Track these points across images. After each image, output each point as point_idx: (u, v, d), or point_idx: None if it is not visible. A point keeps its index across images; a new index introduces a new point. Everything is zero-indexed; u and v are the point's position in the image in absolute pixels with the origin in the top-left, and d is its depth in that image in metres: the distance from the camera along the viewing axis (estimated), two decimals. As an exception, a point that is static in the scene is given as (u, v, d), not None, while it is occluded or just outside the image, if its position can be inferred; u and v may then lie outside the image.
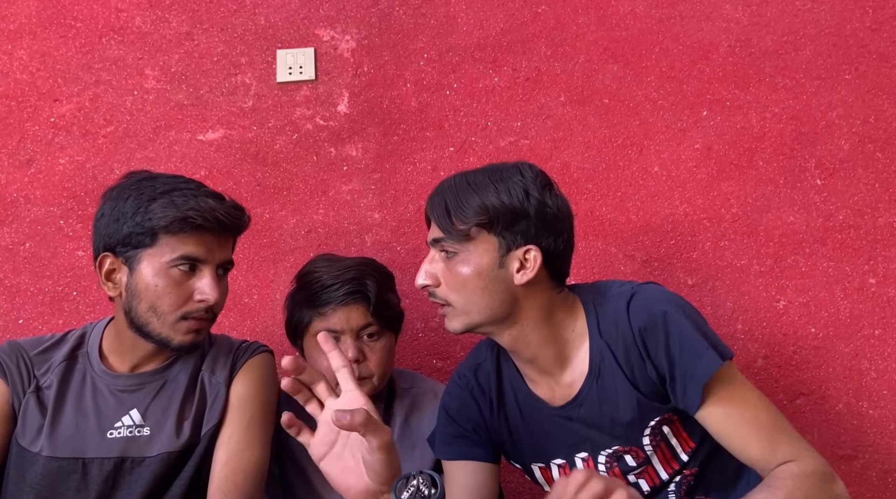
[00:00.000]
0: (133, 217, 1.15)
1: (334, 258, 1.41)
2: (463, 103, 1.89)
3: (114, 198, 1.20)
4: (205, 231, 1.17)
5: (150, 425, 1.21)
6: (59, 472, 1.17)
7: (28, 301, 1.84)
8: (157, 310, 1.16)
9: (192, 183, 1.21)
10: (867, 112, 1.81)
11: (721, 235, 1.80)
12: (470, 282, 1.11)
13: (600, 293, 1.19)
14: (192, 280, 1.18)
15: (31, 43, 1.94)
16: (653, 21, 1.88)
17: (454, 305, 1.12)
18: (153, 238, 1.15)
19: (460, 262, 1.11)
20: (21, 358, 1.23)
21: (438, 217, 1.13)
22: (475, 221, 1.10)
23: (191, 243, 1.16)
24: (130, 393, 1.22)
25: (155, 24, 1.95)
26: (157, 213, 1.14)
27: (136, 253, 1.16)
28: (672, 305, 1.12)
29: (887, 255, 1.76)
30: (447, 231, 1.11)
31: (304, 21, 1.93)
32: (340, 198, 1.87)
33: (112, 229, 1.18)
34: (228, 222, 1.19)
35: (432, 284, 1.13)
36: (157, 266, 1.16)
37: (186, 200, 1.16)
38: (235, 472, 1.19)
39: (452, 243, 1.11)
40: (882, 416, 1.72)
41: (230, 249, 1.25)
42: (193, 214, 1.14)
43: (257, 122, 1.90)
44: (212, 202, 1.18)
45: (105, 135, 1.91)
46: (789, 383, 1.75)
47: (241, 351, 1.31)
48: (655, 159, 1.84)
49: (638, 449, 1.14)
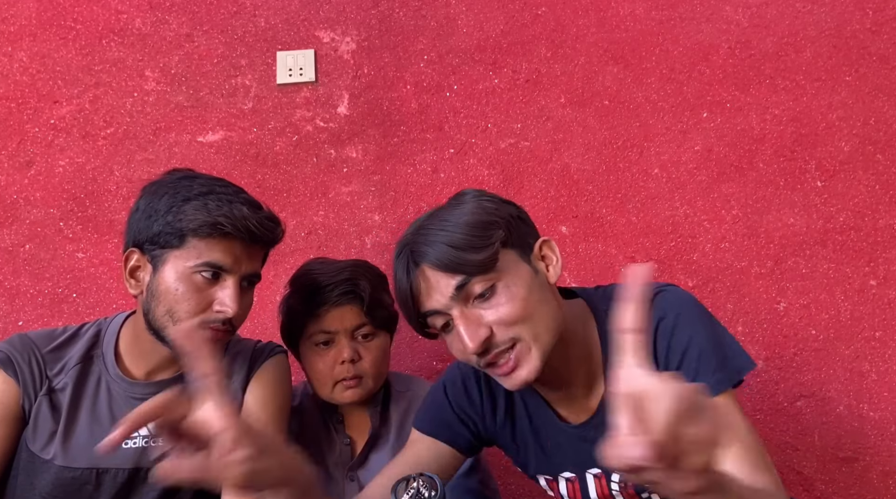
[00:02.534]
0: (165, 215, 1.11)
1: (327, 261, 1.42)
2: (463, 105, 1.89)
3: (150, 194, 1.15)
4: (234, 239, 1.12)
5: None
6: (72, 482, 1.14)
7: (28, 303, 1.84)
8: (173, 315, 1.12)
9: (232, 188, 1.16)
10: (867, 114, 1.81)
11: (721, 237, 1.80)
12: (528, 301, 0.97)
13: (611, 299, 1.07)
14: (213, 288, 1.12)
15: (31, 45, 1.94)
16: (653, 23, 1.88)
17: (523, 337, 0.97)
18: (181, 239, 1.10)
19: (504, 288, 0.97)
20: (33, 356, 1.18)
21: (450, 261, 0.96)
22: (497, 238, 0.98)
23: (218, 250, 1.11)
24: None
25: (155, 26, 1.95)
26: (188, 214, 1.10)
27: (162, 253, 1.12)
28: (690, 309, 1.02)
29: (888, 256, 1.76)
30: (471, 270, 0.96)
31: (305, 23, 1.93)
32: (340, 199, 1.87)
33: (143, 225, 1.13)
34: (259, 233, 1.13)
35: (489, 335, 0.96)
36: (181, 269, 1.11)
37: (220, 205, 1.11)
38: None
39: (484, 277, 0.96)
40: (883, 418, 1.72)
41: (260, 261, 1.19)
42: (224, 220, 1.10)
43: (257, 124, 1.90)
44: (246, 210, 1.12)
45: (105, 137, 1.91)
46: (790, 385, 1.74)
47: (257, 354, 1.28)
48: (656, 161, 1.84)
49: None
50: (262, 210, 1.17)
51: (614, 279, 1.79)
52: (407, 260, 1.00)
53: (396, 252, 1.03)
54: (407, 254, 1.00)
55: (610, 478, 1.11)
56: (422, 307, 1.00)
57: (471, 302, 0.97)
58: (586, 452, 1.09)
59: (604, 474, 1.12)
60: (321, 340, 1.33)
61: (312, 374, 1.35)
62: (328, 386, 1.33)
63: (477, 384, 1.17)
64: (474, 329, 0.96)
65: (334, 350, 1.33)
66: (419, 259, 0.98)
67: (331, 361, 1.32)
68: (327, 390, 1.34)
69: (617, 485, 1.11)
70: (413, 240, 1.01)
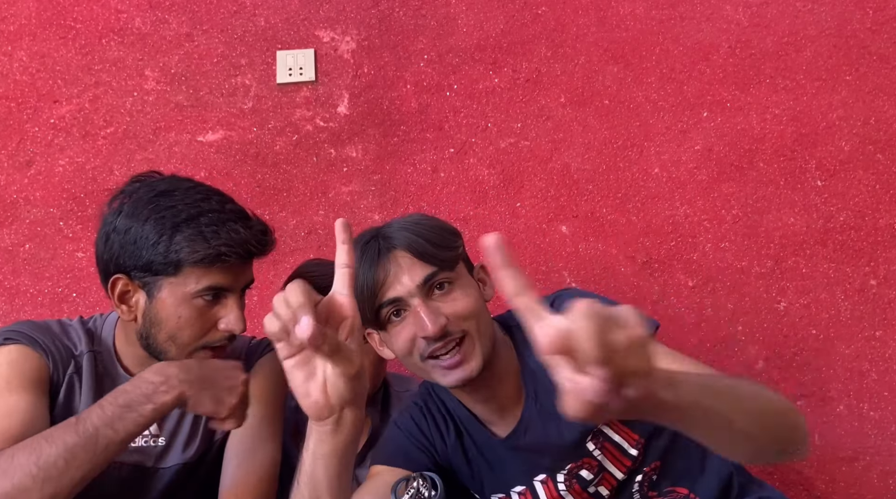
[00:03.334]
0: (155, 246, 1.06)
1: (324, 263, 1.41)
2: (463, 104, 1.89)
3: (128, 216, 1.08)
4: (234, 260, 1.09)
5: (166, 435, 1.18)
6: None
7: (28, 302, 1.84)
8: (176, 340, 1.09)
9: (214, 201, 1.10)
10: (868, 113, 1.81)
11: (721, 237, 1.80)
12: (476, 303, 1.06)
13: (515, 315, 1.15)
14: (215, 308, 1.10)
15: (31, 44, 1.94)
16: (653, 22, 1.88)
17: (472, 332, 1.04)
18: (177, 268, 1.06)
19: (459, 288, 1.06)
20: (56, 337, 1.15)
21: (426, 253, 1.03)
22: (460, 246, 1.09)
23: (217, 274, 1.08)
24: None
25: (155, 26, 1.94)
26: (183, 246, 1.05)
27: (156, 280, 1.08)
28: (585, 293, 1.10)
29: (888, 256, 1.76)
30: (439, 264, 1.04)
31: (304, 22, 1.93)
32: (340, 199, 1.87)
33: (128, 252, 1.08)
34: (258, 252, 1.12)
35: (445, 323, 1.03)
36: (181, 295, 1.07)
37: (216, 231, 1.06)
38: (248, 473, 1.16)
39: (447, 274, 1.05)
40: (883, 417, 1.72)
41: (252, 269, 1.17)
42: (225, 249, 1.06)
43: (257, 124, 1.90)
44: (242, 231, 1.08)
45: (105, 136, 1.91)
46: (790, 384, 1.74)
47: (251, 352, 1.28)
48: (656, 161, 1.83)
49: (589, 459, 1.12)
50: (252, 221, 1.13)
51: (614, 279, 1.79)
52: (378, 245, 1.04)
53: (363, 240, 1.06)
54: (378, 240, 1.05)
55: (556, 482, 1.13)
56: (384, 296, 1.04)
57: (431, 294, 1.04)
58: (525, 460, 1.13)
59: (549, 478, 1.14)
60: None
61: None
62: None
63: (424, 418, 1.20)
64: (436, 315, 1.02)
65: None
66: (393, 244, 1.04)
67: None
68: None
69: (564, 486, 1.13)
70: (383, 231, 1.06)
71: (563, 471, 1.13)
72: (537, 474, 1.14)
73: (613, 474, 1.13)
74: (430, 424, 1.19)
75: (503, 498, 1.18)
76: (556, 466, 1.13)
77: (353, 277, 0.78)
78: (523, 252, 1.82)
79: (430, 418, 1.19)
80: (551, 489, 1.14)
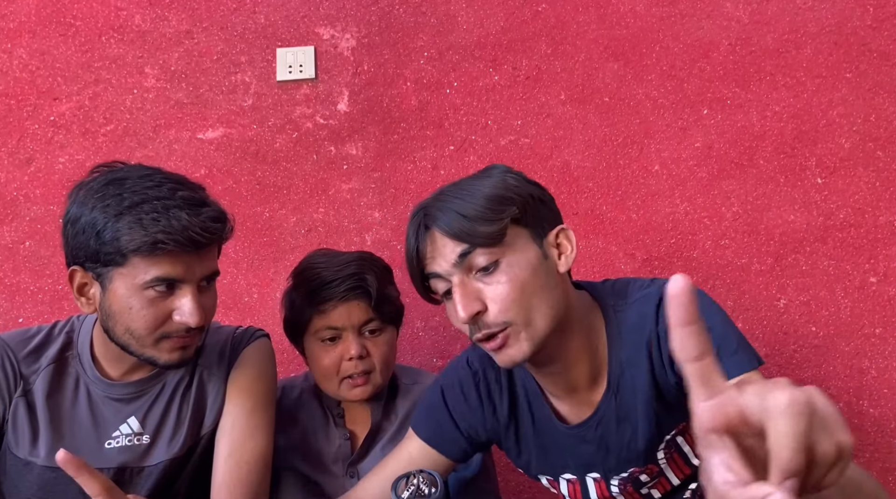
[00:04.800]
0: (100, 234, 1.02)
1: (331, 253, 1.38)
2: (463, 102, 1.89)
3: (79, 204, 1.05)
4: (179, 251, 1.03)
5: (149, 432, 1.16)
6: (56, 482, 1.11)
7: (28, 300, 1.84)
8: (132, 332, 1.06)
9: (165, 189, 1.04)
10: (868, 111, 1.81)
11: (722, 234, 1.80)
12: (528, 284, 0.96)
13: (620, 296, 1.06)
14: (170, 299, 1.06)
15: (31, 41, 1.94)
16: (653, 19, 1.88)
17: (514, 321, 0.96)
18: (123, 258, 1.02)
19: (507, 267, 0.96)
20: (7, 357, 1.14)
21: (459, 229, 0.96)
22: (509, 214, 0.96)
23: (165, 264, 1.03)
24: (127, 402, 1.16)
25: (155, 23, 1.94)
26: (123, 233, 1.00)
27: (107, 271, 1.05)
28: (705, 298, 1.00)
29: (888, 253, 1.76)
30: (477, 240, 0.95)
31: (304, 19, 1.93)
32: (340, 196, 1.87)
33: (78, 242, 1.05)
34: (204, 240, 1.04)
35: (481, 310, 0.96)
36: (131, 286, 1.04)
37: (156, 219, 1.00)
38: (240, 464, 1.16)
39: (488, 250, 0.95)
40: (883, 414, 1.72)
41: (213, 259, 1.11)
42: (163, 236, 1.00)
43: (257, 121, 1.90)
44: (185, 218, 1.02)
45: (105, 133, 1.91)
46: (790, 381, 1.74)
47: (236, 341, 1.26)
48: (656, 158, 1.84)
49: (653, 465, 1.08)
50: (203, 208, 1.06)
51: (614, 276, 1.79)
52: (419, 222, 1.01)
53: (413, 213, 1.04)
54: (420, 216, 1.01)
55: (609, 482, 1.10)
56: (426, 268, 1.00)
57: (472, 273, 0.97)
58: (586, 454, 1.09)
59: (603, 479, 1.11)
60: (327, 336, 1.30)
61: (318, 369, 1.33)
62: (334, 382, 1.31)
63: (475, 388, 1.15)
64: (469, 300, 0.95)
65: (341, 346, 1.30)
66: (430, 222, 0.99)
67: (337, 357, 1.30)
68: (333, 387, 1.32)
69: (617, 488, 1.10)
70: (429, 204, 1.01)
71: (621, 475, 1.09)
72: (592, 470, 1.10)
73: (670, 480, 1.11)
74: (483, 395, 1.14)
75: (551, 480, 1.16)
76: (618, 467, 1.08)
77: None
78: (523, 249, 1.82)
79: (483, 388, 1.14)
80: (602, 489, 1.11)
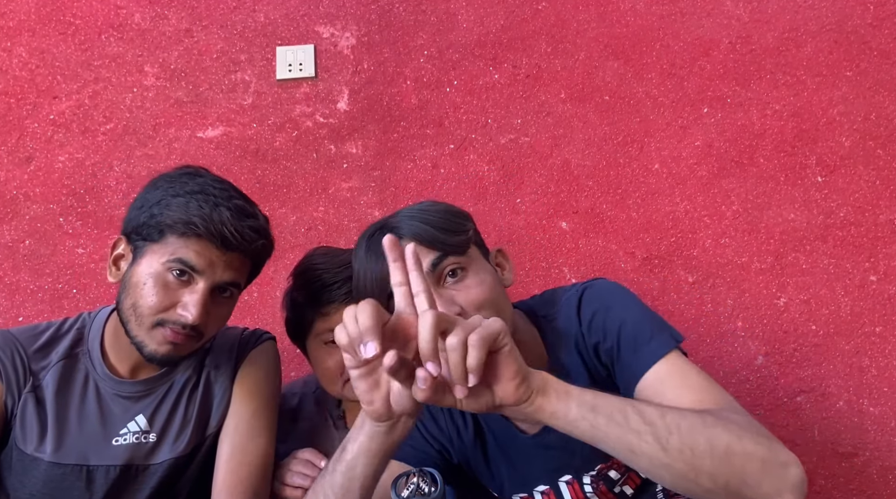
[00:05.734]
0: (151, 208, 1.10)
1: (331, 252, 1.37)
2: (463, 100, 1.88)
3: (152, 183, 1.15)
4: (209, 242, 1.08)
5: (156, 430, 1.18)
6: (63, 478, 1.13)
7: (28, 299, 1.84)
8: (136, 309, 1.09)
9: (227, 192, 1.13)
10: (868, 109, 1.81)
11: (722, 233, 1.80)
12: (494, 289, 1.01)
13: (551, 305, 1.11)
14: (182, 290, 1.09)
15: (31, 40, 1.94)
16: (653, 18, 1.88)
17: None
18: (160, 234, 1.09)
19: (474, 273, 1.01)
20: (17, 353, 1.15)
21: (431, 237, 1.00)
22: (470, 228, 1.05)
23: (192, 250, 1.08)
24: (136, 400, 1.18)
25: (154, 21, 1.94)
26: (171, 211, 1.08)
27: (143, 245, 1.11)
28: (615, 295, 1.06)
29: (888, 252, 1.76)
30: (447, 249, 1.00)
31: (304, 18, 1.93)
32: (340, 195, 1.87)
33: (133, 215, 1.13)
34: (234, 241, 1.08)
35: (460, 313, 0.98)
36: (155, 265, 1.09)
37: (201, 207, 1.07)
38: (241, 465, 1.17)
39: (457, 258, 1.00)
40: (883, 413, 1.72)
41: (241, 271, 1.14)
42: (198, 220, 1.06)
43: (257, 120, 1.90)
44: (226, 216, 1.08)
45: (104, 132, 1.90)
46: (790, 380, 1.74)
47: (244, 342, 1.27)
48: (656, 156, 1.83)
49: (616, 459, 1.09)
50: (250, 219, 1.12)
51: (614, 275, 1.79)
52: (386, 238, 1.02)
53: (367, 234, 1.05)
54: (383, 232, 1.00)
55: (583, 482, 1.11)
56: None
57: (442, 282, 1.00)
58: (553, 459, 1.10)
59: (575, 480, 1.11)
60: (330, 338, 1.28)
61: (321, 371, 1.32)
62: (338, 383, 1.30)
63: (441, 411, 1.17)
64: (447, 306, 0.96)
65: None
66: (399, 234, 1.00)
67: (341, 358, 1.29)
68: (337, 388, 1.31)
69: (591, 488, 1.11)
70: (388, 221, 1.04)
71: (591, 472, 1.10)
72: (563, 474, 1.11)
73: (637, 473, 1.11)
74: (447, 419, 1.16)
75: (526, 498, 1.16)
76: (585, 466, 1.10)
77: (410, 295, 0.79)
78: (523, 248, 1.82)
79: (447, 414, 1.16)
80: (577, 491, 1.11)
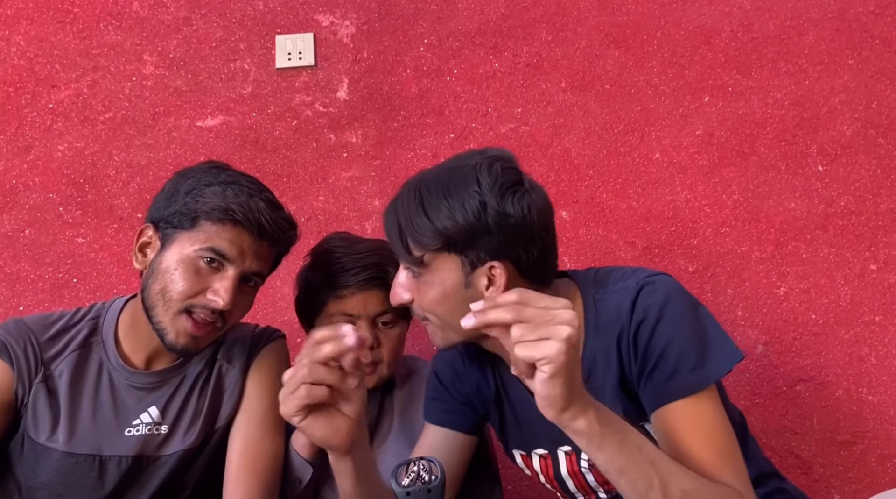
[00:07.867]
0: (184, 197, 1.13)
1: (351, 239, 1.38)
2: (463, 89, 1.88)
3: (179, 176, 1.18)
4: (244, 230, 1.12)
5: (168, 422, 1.18)
6: (75, 468, 1.13)
7: (28, 288, 1.84)
8: (165, 294, 1.11)
9: (258, 185, 1.18)
10: (870, 98, 1.80)
11: (722, 222, 1.80)
12: (438, 304, 1.04)
13: (602, 285, 1.09)
14: (212, 277, 1.12)
15: (29, 29, 1.93)
16: (654, 6, 1.87)
17: (432, 321, 1.07)
18: (193, 222, 1.12)
19: (425, 284, 1.04)
20: (29, 342, 1.15)
21: (392, 242, 1.06)
22: (432, 246, 1.01)
23: (225, 238, 1.11)
24: (149, 391, 1.19)
25: (153, 10, 1.93)
26: (206, 197, 1.12)
27: (173, 233, 1.13)
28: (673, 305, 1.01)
29: (888, 241, 1.76)
30: (403, 257, 1.05)
31: (304, 6, 1.92)
32: (340, 185, 1.87)
33: (162, 204, 1.15)
34: (270, 229, 1.13)
35: (408, 301, 1.07)
36: (186, 251, 1.11)
37: (238, 195, 1.12)
38: (255, 460, 1.17)
39: (412, 266, 1.05)
40: (881, 402, 1.73)
41: (266, 261, 1.18)
42: (237, 208, 1.10)
43: (256, 109, 1.89)
44: (262, 206, 1.13)
45: (104, 121, 1.90)
46: (789, 369, 1.75)
47: (256, 338, 1.28)
48: (657, 145, 1.83)
49: None
50: (282, 211, 1.18)
51: (614, 264, 1.79)
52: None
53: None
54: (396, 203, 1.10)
55: (580, 456, 1.12)
56: None
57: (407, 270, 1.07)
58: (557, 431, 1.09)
59: (574, 452, 1.12)
60: (341, 322, 1.29)
61: None
62: None
63: (463, 363, 1.22)
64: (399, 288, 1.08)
65: None
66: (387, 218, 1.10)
67: None
68: None
69: (586, 462, 1.12)
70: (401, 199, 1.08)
71: None
72: (563, 444, 1.12)
73: None
74: (473, 368, 1.21)
75: (524, 456, 1.19)
76: None
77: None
78: (523, 237, 1.82)
79: (468, 363, 1.21)
80: (573, 463, 1.13)
